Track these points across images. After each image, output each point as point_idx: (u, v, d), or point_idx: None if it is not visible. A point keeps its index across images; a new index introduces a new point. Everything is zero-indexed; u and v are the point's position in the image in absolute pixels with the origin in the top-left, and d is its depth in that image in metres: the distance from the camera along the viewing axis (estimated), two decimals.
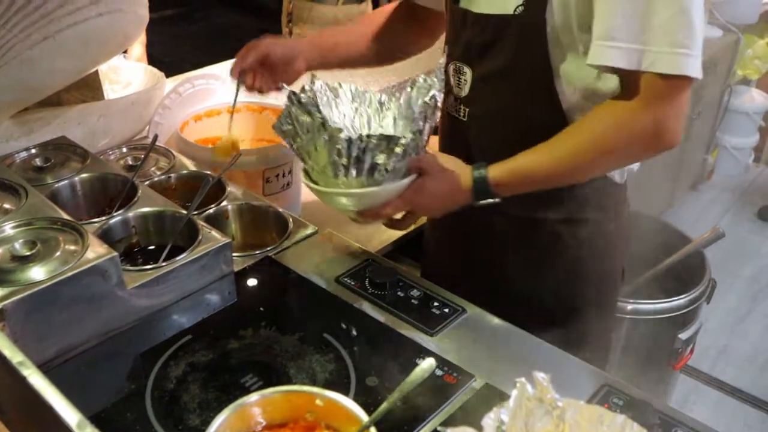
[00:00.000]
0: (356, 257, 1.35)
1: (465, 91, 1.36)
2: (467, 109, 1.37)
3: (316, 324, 1.18)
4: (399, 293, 1.25)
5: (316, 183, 1.25)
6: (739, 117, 4.13)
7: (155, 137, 1.54)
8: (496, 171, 1.23)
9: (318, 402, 0.87)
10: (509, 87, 1.30)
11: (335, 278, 1.29)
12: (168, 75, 1.94)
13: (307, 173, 1.27)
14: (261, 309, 1.22)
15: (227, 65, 2.42)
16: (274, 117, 1.81)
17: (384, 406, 0.84)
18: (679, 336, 2.20)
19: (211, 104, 1.84)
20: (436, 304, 1.23)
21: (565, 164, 1.22)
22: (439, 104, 1.23)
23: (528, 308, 1.36)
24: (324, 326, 1.17)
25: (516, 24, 1.23)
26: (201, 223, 1.28)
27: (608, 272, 1.50)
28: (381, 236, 1.78)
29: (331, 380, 1.06)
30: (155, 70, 1.91)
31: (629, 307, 2.12)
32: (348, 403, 0.86)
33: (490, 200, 1.24)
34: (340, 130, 1.14)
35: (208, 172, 1.51)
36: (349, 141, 1.13)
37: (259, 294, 1.28)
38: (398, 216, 1.31)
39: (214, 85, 1.87)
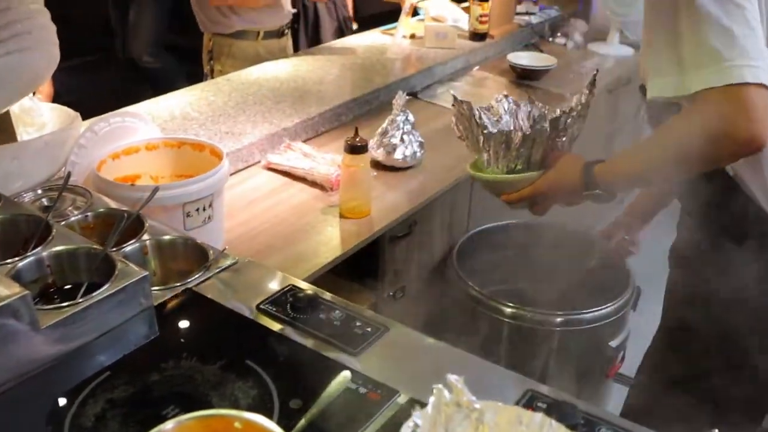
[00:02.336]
0: (277, 284, 1.35)
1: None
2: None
3: (238, 351, 1.17)
4: (321, 316, 1.25)
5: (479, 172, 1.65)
6: None
7: (68, 175, 1.52)
8: (601, 166, 1.48)
9: (237, 425, 0.86)
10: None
11: (257, 306, 1.28)
12: (85, 118, 1.93)
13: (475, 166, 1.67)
14: (182, 341, 1.21)
15: (144, 105, 2.43)
16: (193, 151, 1.83)
17: (302, 423, 0.83)
18: (609, 344, 2.24)
19: (129, 142, 1.82)
20: (358, 323, 1.24)
21: (651, 167, 1.44)
22: (583, 113, 1.60)
23: None
24: (246, 353, 1.16)
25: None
26: (118, 258, 1.26)
27: None
28: (306, 264, 1.78)
29: (254, 405, 1.05)
30: (70, 111, 1.89)
31: (558, 319, 2.15)
32: (267, 423, 0.85)
33: (597, 191, 1.48)
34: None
35: (126, 209, 1.50)
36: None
37: (180, 326, 1.26)
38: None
39: (131, 122, 1.86)
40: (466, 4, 3.59)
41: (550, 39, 3.81)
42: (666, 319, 1.81)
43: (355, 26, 3.86)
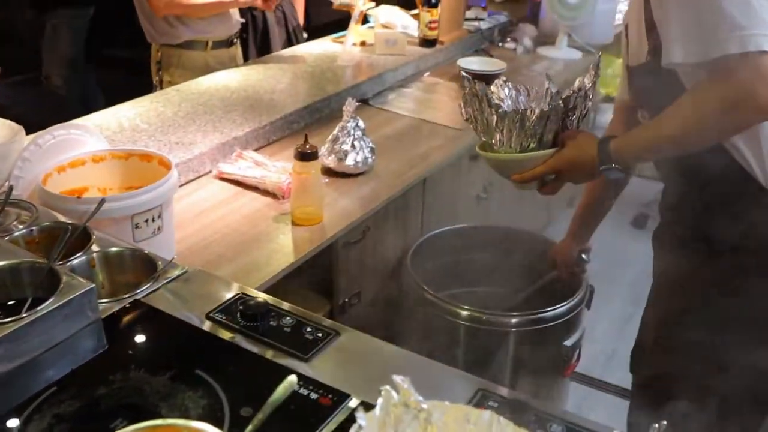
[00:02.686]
0: (227, 293, 1.34)
1: None
2: None
3: (187, 361, 1.16)
4: (271, 323, 1.25)
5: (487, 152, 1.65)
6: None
7: (10, 189, 1.50)
8: (616, 141, 1.49)
9: None
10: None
11: (206, 315, 1.27)
12: (31, 132, 1.89)
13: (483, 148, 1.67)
14: (130, 352, 1.19)
15: (92, 117, 2.40)
16: (142, 162, 1.81)
17: (249, 429, 0.83)
18: (564, 343, 2.26)
19: (75, 154, 1.79)
20: (308, 329, 1.23)
21: (671, 137, 1.43)
22: (589, 93, 1.61)
23: None
24: (196, 363, 1.15)
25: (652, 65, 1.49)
26: (63, 272, 1.24)
27: None
28: (259, 273, 1.77)
29: (205, 415, 1.05)
30: (13, 124, 1.85)
31: (513, 320, 2.17)
32: (213, 431, 0.84)
33: (613, 166, 1.48)
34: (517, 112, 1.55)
35: (71, 222, 1.48)
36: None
37: (129, 337, 1.25)
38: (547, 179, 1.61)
39: (77, 135, 1.83)
40: (415, 11, 3.61)
41: (500, 44, 3.84)
42: (657, 310, 1.78)
43: (305, 36, 3.85)
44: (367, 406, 1.07)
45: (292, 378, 0.86)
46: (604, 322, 3.22)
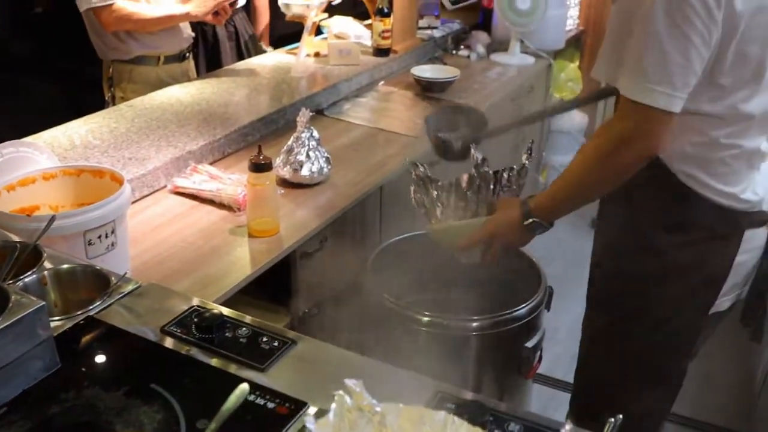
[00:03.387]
0: (181, 306, 1.33)
1: None
2: None
3: (142, 376, 1.15)
4: (227, 334, 1.24)
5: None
6: (562, 137, 4.38)
7: None
8: (536, 197, 1.65)
9: None
10: None
11: (161, 328, 1.26)
12: None
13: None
14: (83, 370, 1.17)
15: (43, 134, 2.37)
16: (94, 178, 1.79)
17: None
18: (526, 345, 2.27)
19: (25, 172, 1.77)
20: (265, 339, 1.23)
21: (576, 182, 1.57)
22: (523, 172, 1.79)
23: None
24: (151, 377, 1.14)
25: None
26: (13, 290, 1.22)
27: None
28: (216, 286, 1.76)
29: (160, 429, 1.03)
30: None
31: (474, 324, 2.17)
32: None
33: (535, 220, 1.65)
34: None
35: (20, 241, 1.45)
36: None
37: (82, 355, 1.23)
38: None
39: (26, 152, 1.81)
40: (368, 21, 3.62)
41: (454, 51, 3.87)
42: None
43: (270, 50, 3.83)
44: (323, 413, 1.07)
45: (244, 386, 0.85)
46: (566, 323, 3.25)
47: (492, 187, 1.76)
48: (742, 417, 2.82)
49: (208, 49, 3.55)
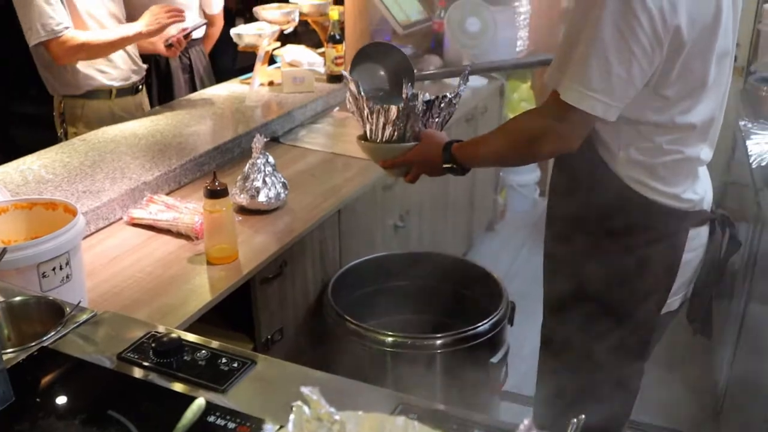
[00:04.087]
0: (138, 332, 1.31)
1: None
2: None
3: (99, 403, 1.13)
4: (185, 358, 1.23)
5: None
6: None
7: None
8: (458, 145, 1.73)
9: None
10: None
11: (117, 355, 1.24)
12: None
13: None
14: (38, 400, 1.15)
15: None
16: (46, 211, 1.77)
17: None
18: (491, 360, 2.28)
19: None
20: (224, 360, 1.22)
21: (494, 150, 1.69)
22: (453, 101, 1.86)
23: None
24: (108, 404, 1.12)
25: None
26: None
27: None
28: (175, 315, 1.74)
29: None
30: None
31: (438, 341, 2.18)
32: None
33: (453, 167, 1.74)
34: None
35: None
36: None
37: (37, 386, 1.20)
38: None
39: None
40: (321, 50, 3.64)
41: None
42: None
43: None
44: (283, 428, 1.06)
45: (200, 401, 0.84)
46: (531, 340, 3.26)
47: (422, 116, 1.83)
48: (707, 420, 2.85)
49: (161, 81, 3.53)
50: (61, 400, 1.17)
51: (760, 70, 3.69)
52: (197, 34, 3.61)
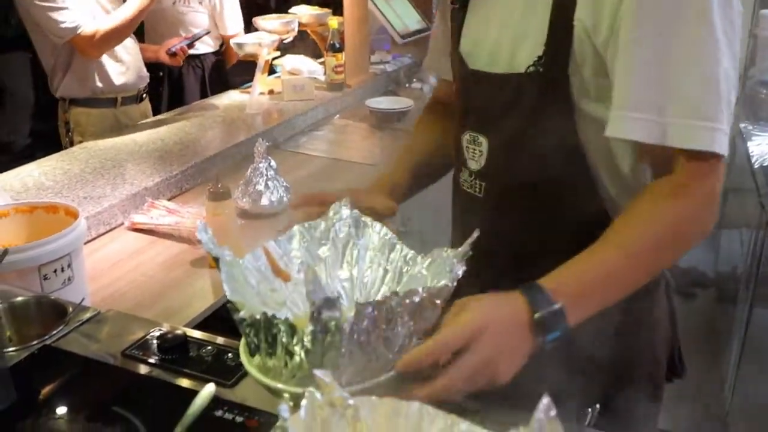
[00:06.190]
0: (143, 329, 1.29)
1: (481, 163, 1.24)
2: (483, 184, 1.24)
3: (103, 400, 1.11)
4: (191, 354, 1.20)
5: None
6: None
7: None
8: (550, 276, 0.98)
9: None
10: (530, 155, 1.16)
11: (122, 352, 1.22)
12: None
13: None
14: (41, 398, 1.13)
15: None
16: (48, 215, 1.75)
17: None
18: None
19: None
20: (230, 356, 1.19)
21: (636, 256, 1.02)
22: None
23: None
24: (113, 400, 1.10)
25: (535, 82, 1.13)
26: None
27: None
28: (177, 317, 1.72)
29: None
30: None
31: None
32: None
33: (556, 307, 0.95)
34: None
35: None
36: None
37: (39, 384, 1.18)
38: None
39: None
40: (322, 59, 3.64)
41: (407, 84, 3.90)
42: None
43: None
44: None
45: (210, 387, 0.82)
46: None
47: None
48: (713, 424, 2.83)
49: (173, 91, 3.55)
50: (65, 397, 1.14)
51: (757, 75, 3.70)
52: (206, 49, 3.66)
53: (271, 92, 3.39)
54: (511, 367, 0.94)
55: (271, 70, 3.59)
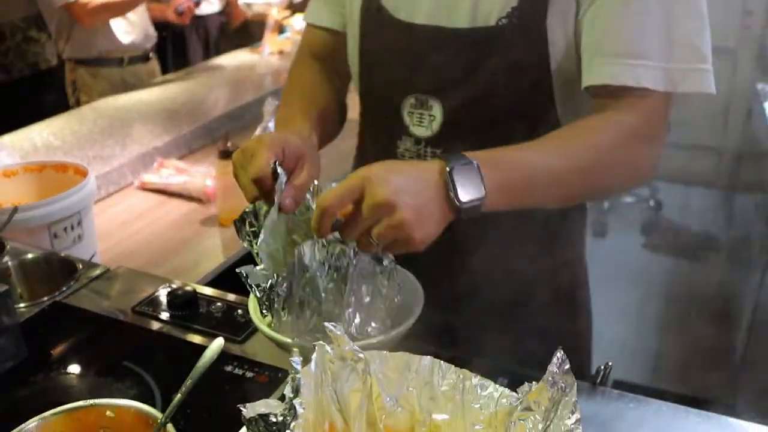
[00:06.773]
0: (152, 286, 1.28)
1: (433, 129, 1.12)
2: (437, 152, 1.13)
3: (114, 355, 1.10)
4: (200, 310, 1.20)
5: None
6: None
7: None
8: (475, 153, 0.90)
9: (109, 413, 0.81)
10: (496, 117, 1.07)
11: (132, 309, 1.22)
12: None
13: None
14: (52, 353, 1.13)
15: (3, 138, 2.31)
16: (57, 174, 1.74)
17: (178, 397, 0.79)
18: None
19: None
20: (240, 312, 1.19)
21: (564, 166, 0.95)
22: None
23: None
24: (123, 355, 1.10)
25: (507, 37, 1.02)
26: None
27: None
28: (188, 275, 1.72)
29: None
30: None
31: None
32: (140, 406, 0.80)
33: (473, 163, 0.87)
34: None
35: None
36: None
37: (50, 339, 1.18)
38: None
39: None
40: None
41: None
42: None
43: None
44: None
45: (219, 340, 0.82)
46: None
47: None
48: (724, 387, 2.82)
49: (176, 50, 3.52)
50: (75, 353, 1.14)
51: None
52: (211, 9, 3.62)
53: (280, 53, 3.36)
54: (421, 219, 0.85)
55: (281, 30, 3.55)
